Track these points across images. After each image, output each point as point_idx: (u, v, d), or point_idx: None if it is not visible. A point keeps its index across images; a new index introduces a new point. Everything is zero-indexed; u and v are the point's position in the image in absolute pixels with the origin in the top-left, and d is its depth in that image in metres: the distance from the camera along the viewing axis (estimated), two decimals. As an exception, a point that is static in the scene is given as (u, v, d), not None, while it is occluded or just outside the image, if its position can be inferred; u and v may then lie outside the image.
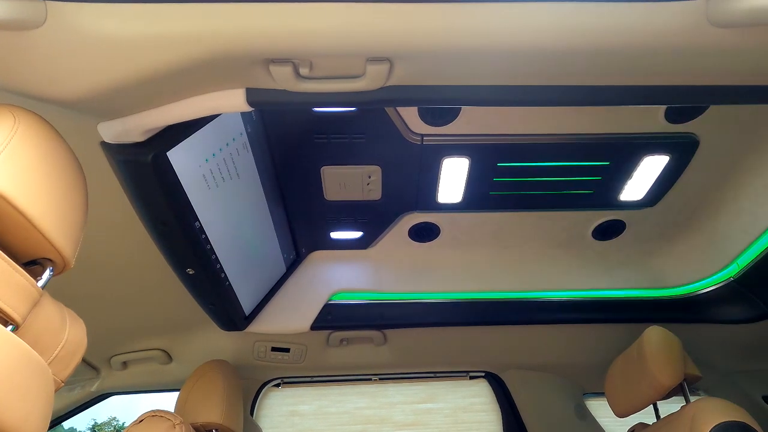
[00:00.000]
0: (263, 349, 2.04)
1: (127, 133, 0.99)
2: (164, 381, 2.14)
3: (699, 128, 1.55)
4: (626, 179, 1.72)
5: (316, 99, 0.92)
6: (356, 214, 1.87)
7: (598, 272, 2.05)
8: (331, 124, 1.49)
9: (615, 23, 0.70)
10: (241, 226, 1.54)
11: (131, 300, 1.69)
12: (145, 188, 1.11)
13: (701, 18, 0.68)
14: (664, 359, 1.54)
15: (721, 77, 0.90)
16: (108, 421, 7.17)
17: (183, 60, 0.79)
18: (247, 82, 0.91)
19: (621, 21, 0.70)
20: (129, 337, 1.94)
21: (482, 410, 2.30)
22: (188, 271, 1.40)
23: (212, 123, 1.16)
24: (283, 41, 0.77)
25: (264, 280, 1.86)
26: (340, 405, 2.28)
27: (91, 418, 7.07)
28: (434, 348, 2.16)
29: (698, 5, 0.67)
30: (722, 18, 0.66)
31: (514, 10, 0.73)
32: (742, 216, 1.75)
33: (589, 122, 1.53)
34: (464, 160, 1.61)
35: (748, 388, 2.17)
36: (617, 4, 0.68)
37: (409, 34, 0.77)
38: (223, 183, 1.34)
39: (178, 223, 1.22)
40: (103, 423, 7.15)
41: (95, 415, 7.05)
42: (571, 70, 0.85)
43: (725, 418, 1.31)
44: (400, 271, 2.05)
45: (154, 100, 0.92)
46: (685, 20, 0.69)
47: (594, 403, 2.34)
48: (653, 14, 0.68)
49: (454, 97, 0.95)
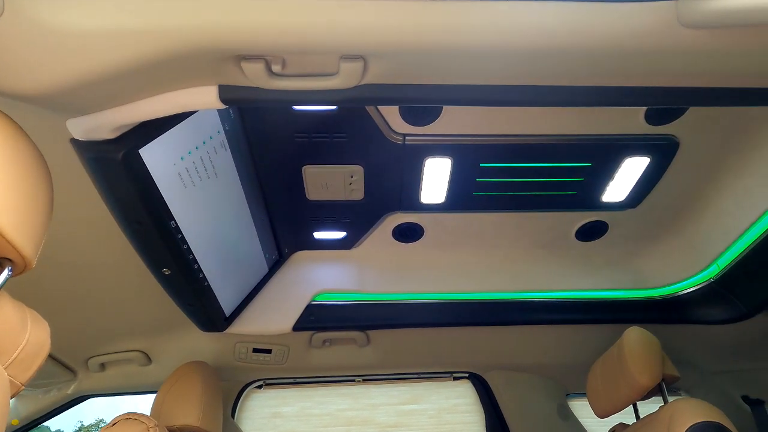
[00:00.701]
0: (244, 350, 2.02)
1: (97, 129, 0.97)
2: (143, 383, 2.10)
3: (679, 130, 1.56)
4: (608, 180, 1.73)
5: (290, 97, 0.90)
6: (339, 214, 1.85)
7: (582, 273, 2.06)
8: (312, 123, 1.47)
9: (587, 24, 0.70)
10: (220, 226, 1.51)
11: (109, 300, 1.65)
12: (116, 187, 1.08)
13: (672, 19, 0.68)
14: (642, 360, 1.55)
15: (697, 79, 0.90)
16: (95, 423, 7.07)
17: (149, 55, 0.77)
18: (220, 79, 0.89)
19: (593, 21, 0.69)
20: (107, 338, 1.90)
21: (466, 411, 2.29)
22: (164, 272, 1.38)
23: (187, 120, 1.14)
24: (253, 37, 0.75)
25: (245, 280, 1.84)
26: (322, 406, 2.27)
27: (78, 420, 6.98)
28: (418, 349, 2.15)
29: (668, 6, 0.67)
30: (692, 19, 0.65)
31: (487, 10, 0.72)
32: (722, 218, 1.77)
33: (570, 123, 1.54)
34: (446, 160, 1.61)
35: (727, 388, 2.20)
36: (589, 4, 0.67)
37: (382, 32, 0.76)
38: (200, 182, 1.31)
39: (153, 223, 1.19)
40: (90, 425, 7.05)
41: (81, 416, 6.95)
42: (547, 70, 0.84)
43: (701, 418, 1.33)
44: (383, 271, 2.04)
45: (124, 96, 0.89)
46: (657, 21, 0.68)
47: (577, 404, 2.35)
48: (624, 15, 0.68)
49: (432, 97, 0.94)
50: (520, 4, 0.70)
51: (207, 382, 1.68)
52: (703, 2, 0.62)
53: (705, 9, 0.63)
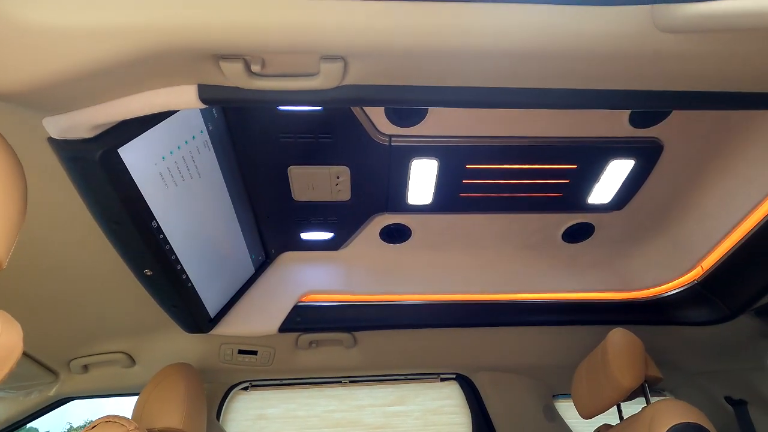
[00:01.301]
0: (230, 352, 2.00)
1: (74, 128, 0.95)
2: (127, 385, 2.08)
3: (663, 133, 1.58)
4: (594, 183, 1.74)
5: (271, 97, 0.90)
6: (326, 214, 1.84)
7: (568, 274, 2.07)
8: (297, 124, 1.46)
9: (564, 27, 0.70)
10: (205, 227, 1.50)
11: (91, 301, 1.63)
12: (95, 186, 1.06)
13: (648, 23, 0.68)
14: (625, 361, 1.56)
15: (677, 83, 0.91)
16: (84, 424, 6.97)
17: (126, 54, 0.75)
18: (199, 78, 0.88)
19: (570, 25, 0.70)
20: (89, 339, 1.87)
21: (452, 412, 2.29)
22: (146, 272, 1.36)
23: (169, 120, 1.13)
24: (230, 37, 0.74)
25: (230, 281, 1.82)
26: (308, 408, 2.25)
27: (67, 422, 6.90)
28: (405, 350, 2.15)
29: (644, 10, 0.67)
30: (668, 24, 0.66)
31: (467, 12, 0.72)
32: (706, 220, 1.79)
33: (556, 125, 1.54)
34: (433, 161, 1.61)
35: (711, 388, 2.22)
36: (566, 8, 0.67)
37: (361, 33, 0.75)
38: (183, 182, 1.30)
39: (133, 223, 1.18)
40: (79, 427, 6.97)
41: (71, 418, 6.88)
42: (528, 73, 0.84)
43: (681, 419, 1.34)
44: (371, 272, 2.03)
45: (101, 95, 0.88)
46: (633, 25, 0.69)
47: (563, 405, 2.36)
48: (601, 19, 0.68)
49: (414, 98, 0.93)
50: (498, 7, 0.70)
51: (190, 384, 1.66)
52: (678, 8, 0.62)
53: (680, 14, 0.63)
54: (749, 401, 2.08)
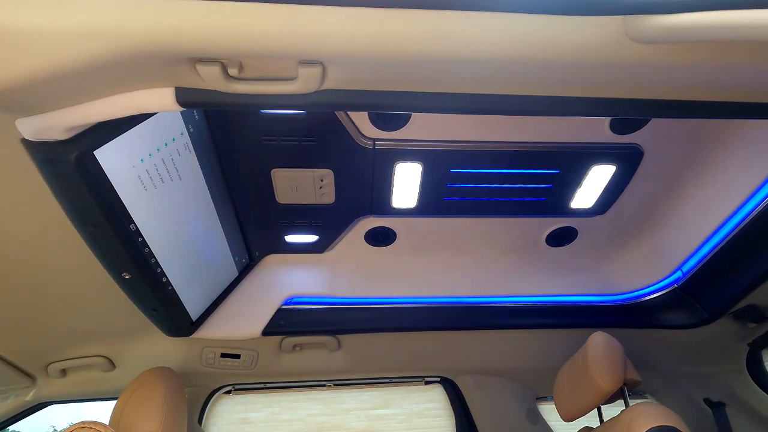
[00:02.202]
0: (212, 356, 1.98)
1: (48, 130, 0.93)
2: (107, 389, 2.04)
3: (643, 140, 1.60)
4: (576, 188, 1.76)
5: (249, 101, 0.89)
6: (310, 217, 1.84)
7: (552, 278, 2.09)
8: (280, 126, 1.46)
9: (538, 35, 0.71)
10: (186, 229, 1.48)
11: (69, 304, 1.60)
12: (70, 189, 1.04)
13: (621, 33, 0.69)
14: (605, 365, 1.58)
15: (653, 91, 0.92)
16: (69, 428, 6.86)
17: (99, 56, 0.74)
18: (176, 81, 0.87)
19: (544, 33, 0.70)
20: (68, 343, 1.83)
21: (437, 415, 2.30)
22: (125, 276, 1.34)
23: (148, 122, 1.11)
24: (206, 40, 0.74)
25: (213, 284, 1.80)
26: (292, 412, 2.24)
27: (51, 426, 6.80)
28: (389, 353, 2.14)
29: (617, 21, 0.68)
30: (640, 34, 0.67)
31: (443, 20, 0.72)
32: (686, 226, 1.82)
33: (539, 131, 1.56)
34: (417, 165, 1.61)
35: (690, 391, 2.25)
36: (540, 17, 0.68)
37: (340, 39, 0.75)
38: (162, 184, 1.28)
39: (110, 226, 1.16)
40: (63, 430, 6.85)
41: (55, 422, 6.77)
42: (507, 80, 0.85)
43: (657, 422, 1.36)
44: (356, 275, 2.03)
45: (75, 96, 0.87)
46: (606, 35, 0.69)
47: (546, 407, 2.38)
48: (574, 28, 0.69)
49: (394, 104, 0.93)
50: (475, 15, 0.70)
51: (170, 388, 1.64)
52: (650, 19, 0.63)
53: (651, 25, 0.64)
54: (727, 403, 2.12)
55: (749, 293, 1.65)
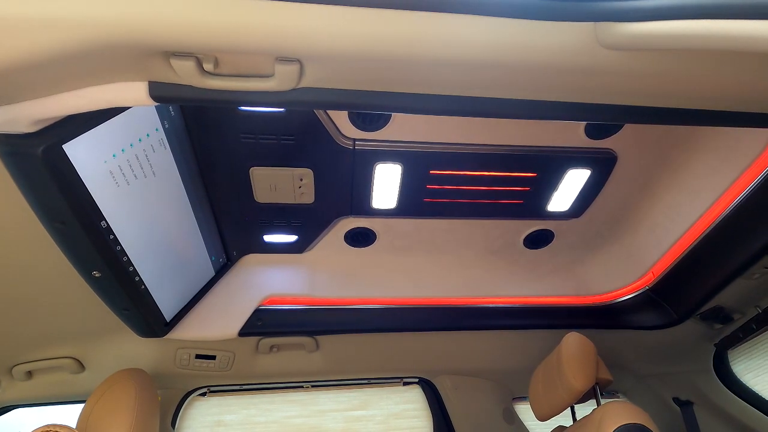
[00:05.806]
0: (186, 357, 1.94)
1: (14, 122, 0.90)
2: (75, 392, 1.98)
3: (616, 145, 1.64)
4: (553, 191, 1.79)
5: (225, 97, 0.87)
6: (289, 217, 1.82)
7: (529, 279, 2.12)
8: (259, 124, 1.44)
9: (510, 39, 0.72)
10: (160, 227, 1.45)
11: (35, 304, 1.54)
12: (37, 184, 1.01)
13: (592, 40, 0.71)
14: (577, 364, 1.61)
15: (624, 97, 0.94)
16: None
17: (67, 46, 0.72)
18: (149, 75, 0.85)
19: (520, 37, 0.71)
20: (34, 344, 1.77)
21: (414, 416, 2.30)
22: (94, 274, 1.30)
23: (121, 116, 1.09)
24: (180, 34, 0.72)
25: (188, 284, 1.77)
26: (268, 414, 2.21)
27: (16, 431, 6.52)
28: (368, 354, 2.14)
29: (588, 27, 0.70)
30: (610, 41, 0.68)
31: (420, 21, 0.72)
32: (656, 229, 1.87)
33: (516, 134, 1.58)
34: (397, 166, 1.62)
35: (660, 390, 2.32)
36: (511, 21, 0.69)
37: (317, 36, 0.74)
38: (136, 181, 1.25)
39: (79, 223, 1.12)
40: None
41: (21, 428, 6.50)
42: (481, 82, 0.86)
43: (626, 420, 1.39)
44: (334, 276, 2.02)
45: (42, 88, 0.84)
46: (577, 41, 0.71)
47: (523, 407, 2.41)
48: (545, 33, 0.70)
49: (371, 104, 0.93)
50: (450, 17, 0.71)
51: (142, 390, 1.60)
52: (620, 26, 0.65)
53: (621, 32, 0.65)
54: (695, 402, 2.18)
55: (716, 295, 1.71)
